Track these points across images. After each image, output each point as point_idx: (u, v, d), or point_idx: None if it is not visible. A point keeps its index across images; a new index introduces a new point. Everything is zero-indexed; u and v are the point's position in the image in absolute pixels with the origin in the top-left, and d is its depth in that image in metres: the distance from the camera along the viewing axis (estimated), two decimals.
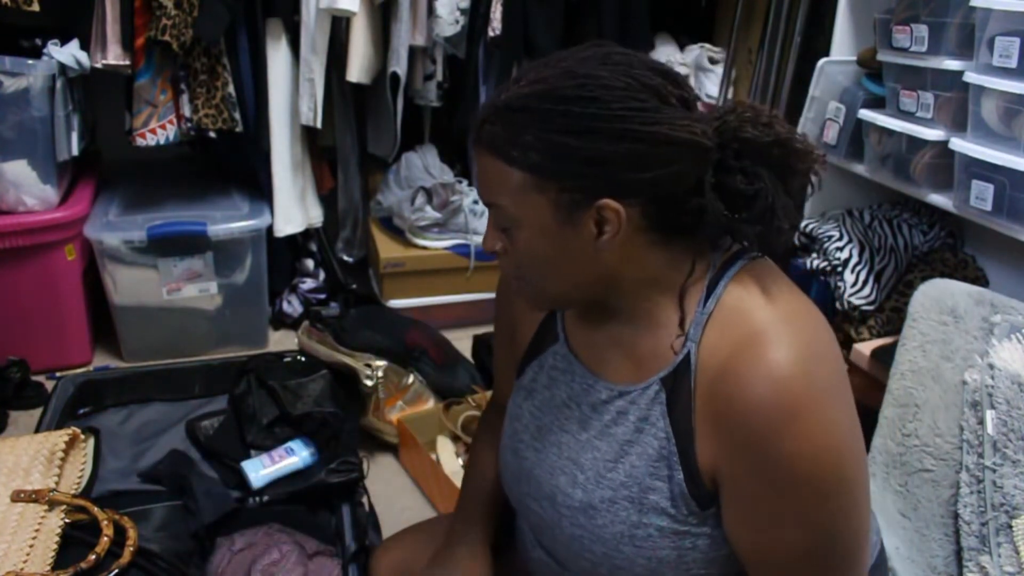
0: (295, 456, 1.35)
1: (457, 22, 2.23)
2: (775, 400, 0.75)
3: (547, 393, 0.96)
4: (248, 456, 1.36)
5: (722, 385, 0.79)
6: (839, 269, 1.85)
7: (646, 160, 0.77)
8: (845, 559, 0.82)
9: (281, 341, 2.38)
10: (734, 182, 0.80)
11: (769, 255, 0.86)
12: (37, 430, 1.48)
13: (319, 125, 2.23)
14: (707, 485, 0.82)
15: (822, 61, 1.93)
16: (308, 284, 2.47)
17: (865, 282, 1.84)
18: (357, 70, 2.20)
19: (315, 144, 2.40)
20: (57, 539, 1.14)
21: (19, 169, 1.97)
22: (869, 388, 1.66)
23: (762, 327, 0.79)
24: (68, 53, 1.97)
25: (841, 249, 1.86)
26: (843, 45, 1.95)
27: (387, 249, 2.39)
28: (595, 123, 0.76)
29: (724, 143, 0.80)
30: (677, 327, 0.83)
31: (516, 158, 0.78)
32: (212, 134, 2.14)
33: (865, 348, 1.72)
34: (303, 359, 1.68)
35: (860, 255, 1.85)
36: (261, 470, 1.32)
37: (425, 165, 2.37)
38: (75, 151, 2.08)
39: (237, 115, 2.14)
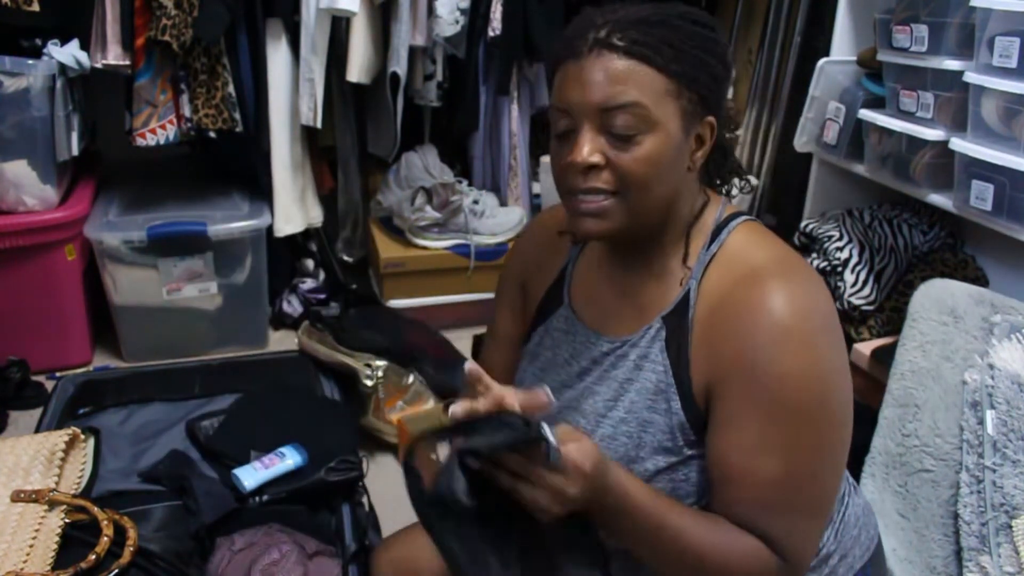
0: (288, 459, 1.35)
1: (457, 22, 2.23)
2: (771, 321, 0.81)
3: (549, 355, 1.00)
4: (248, 457, 1.37)
5: (721, 312, 0.85)
6: (839, 269, 1.85)
7: (727, 88, 0.89)
8: (811, 503, 0.84)
9: (281, 341, 2.38)
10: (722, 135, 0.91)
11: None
12: (37, 430, 1.48)
13: (319, 125, 2.23)
14: (701, 408, 0.86)
15: (822, 61, 1.93)
16: (308, 284, 2.47)
17: (865, 282, 1.84)
18: (357, 70, 2.20)
19: (315, 144, 2.40)
20: (57, 539, 1.14)
21: (19, 169, 1.97)
22: (869, 388, 1.66)
23: (762, 264, 0.86)
24: (68, 53, 1.97)
25: (841, 249, 1.86)
26: (843, 45, 1.95)
27: (387, 249, 2.39)
28: (715, 47, 0.86)
29: None
30: (681, 272, 0.89)
31: (660, 64, 0.82)
32: (212, 134, 2.14)
33: (865, 348, 1.72)
34: None
35: (860, 255, 1.85)
36: (253, 475, 1.32)
37: (425, 165, 2.37)
38: (75, 151, 2.08)
39: (237, 115, 2.14)
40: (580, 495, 0.73)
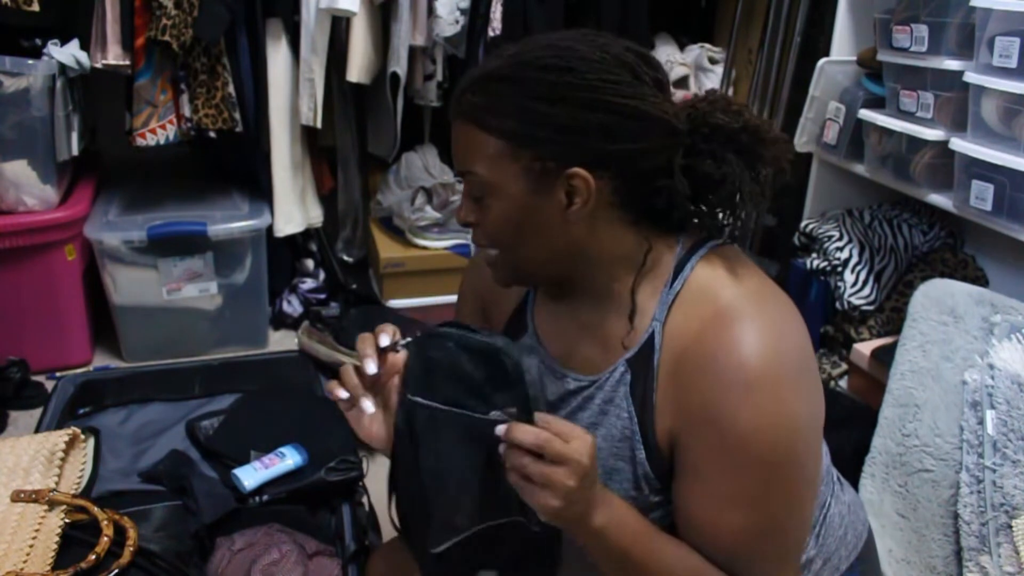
0: (288, 459, 1.35)
1: (457, 22, 2.23)
2: (738, 371, 0.77)
3: None
4: (248, 457, 1.37)
5: (687, 361, 0.81)
6: (839, 269, 1.85)
7: (617, 132, 0.78)
8: (778, 551, 0.82)
9: (281, 341, 2.38)
10: (703, 165, 0.82)
11: (735, 241, 0.89)
12: (37, 430, 1.48)
13: (319, 125, 2.23)
14: (667, 459, 0.84)
15: (822, 61, 1.94)
16: (308, 284, 2.47)
17: (865, 282, 1.84)
18: (357, 70, 2.20)
19: (315, 144, 2.40)
20: (57, 539, 1.14)
21: (19, 169, 1.97)
22: (869, 388, 1.66)
23: (729, 304, 0.81)
24: (68, 53, 1.97)
25: (841, 249, 1.86)
26: (843, 45, 1.95)
27: (387, 249, 2.39)
28: (569, 91, 0.77)
29: (695, 128, 0.83)
30: (643, 310, 0.85)
31: (493, 125, 0.79)
32: (212, 134, 2.14)
33: (865, 348, 1.72)
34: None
35: (860, 255, 1.86)
36: (253, 475, 1.32)
37: (425, 165, 2.37)
38: (75, 151, 2.08)
39: (237, 115, 2.14)
40: (577, 489, 0.72)
